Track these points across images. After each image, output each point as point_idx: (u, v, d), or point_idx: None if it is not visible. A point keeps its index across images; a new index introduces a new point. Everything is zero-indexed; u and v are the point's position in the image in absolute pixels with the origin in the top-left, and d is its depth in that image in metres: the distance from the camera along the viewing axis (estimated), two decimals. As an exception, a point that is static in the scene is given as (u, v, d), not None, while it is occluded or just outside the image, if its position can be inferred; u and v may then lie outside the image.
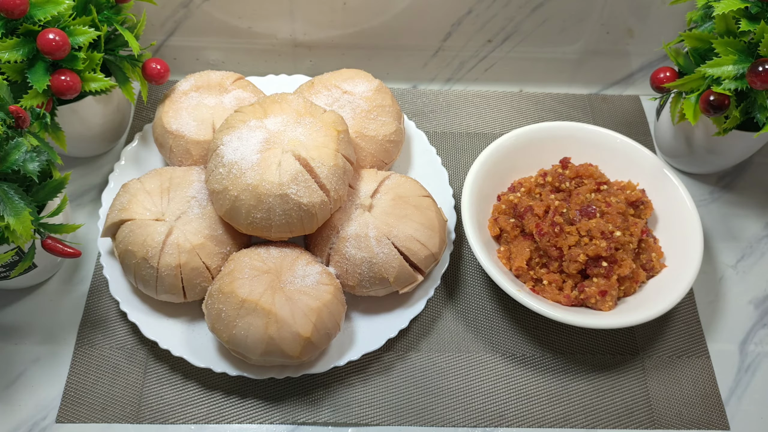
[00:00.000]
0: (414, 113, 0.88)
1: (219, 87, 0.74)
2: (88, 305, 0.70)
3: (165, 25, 0.84)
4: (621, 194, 0.71)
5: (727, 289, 0.75)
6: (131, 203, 0.65)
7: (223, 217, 0.65)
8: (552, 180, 0.73)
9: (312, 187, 0.62)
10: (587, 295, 0.66)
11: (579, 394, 0.67)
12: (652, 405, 0.67)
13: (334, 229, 0.66)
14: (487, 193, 0.74)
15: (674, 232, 0.71)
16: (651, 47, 0.88)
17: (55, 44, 0.62)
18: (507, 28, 0.85)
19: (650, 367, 0.69)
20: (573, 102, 0.91)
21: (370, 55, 0.89)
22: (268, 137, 0.63)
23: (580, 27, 0.85)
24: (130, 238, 0.63)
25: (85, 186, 0.79)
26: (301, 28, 0.85)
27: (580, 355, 0.70)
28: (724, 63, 0.65)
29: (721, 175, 0.84)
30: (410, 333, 0.70)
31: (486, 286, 0.74)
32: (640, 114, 0.90)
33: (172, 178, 0.68)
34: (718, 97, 0.65)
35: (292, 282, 0.62)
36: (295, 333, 0.59)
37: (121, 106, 0.77)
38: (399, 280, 0.65)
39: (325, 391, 0.66)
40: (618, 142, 0.76)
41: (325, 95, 0.74)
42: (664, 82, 0.71)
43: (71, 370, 0.66)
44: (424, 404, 0.66)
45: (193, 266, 0.63)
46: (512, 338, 0.70)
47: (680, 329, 0.72)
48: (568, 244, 0.66)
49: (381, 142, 0.73)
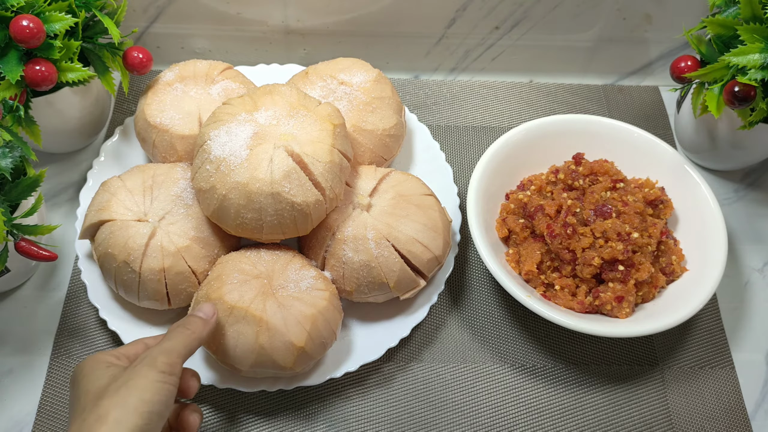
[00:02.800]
0: (416, 105, 0.88)
1: (206, 77, 0.74)
2: (65, 312, 0.70)
3: (147, 10, 0.84)
4: (639, 193, 0.71)
5: (753, 294, 0.75)
6: (111, 202, 0.65)
7: (210, 217, 0.65)
8: (564, 177, 0.73)
9: (306, 185, 0.62)
10: (602, 301, 0.65)
11: (594, 407, 0.67)
12: (672, 419, 0.67)
13: (329, 231, 0.66)
14: (494, 191, 0.74)
15: (696, 234, 0.71)
16: (671, 34, 0.88)
17: (29, 32, 0.62)
18: (516, 14, 0.85)
19: (670, 379, 0.69)
20: (587, 93, 0.91)
21: (369, 43, 0.89)
22: (258, 131, 0.63)
23: (594, 12, 0.85)
24: (110, 240, 0.63)
25: (61, 184, 0.79)
26: (294, 14, 0.85)
27: (595, 365, 0.69)
28: (749, 51, 0.65)
29: (747, 171, 0.84)
30: (412, 342, 0.70)
31: (493, 292, 0.74)
32: (659, 106, 0.90)
33: (156, 175, 0.67)
34: (743, 87, 0.65)
35: (284, 287, 0.61)
36: (287, 342, 0.59)
37: (100, 98, 0.77)
38: (400, 286, 0.65)
39: (320, 404, 0.66)
40: (635, 137, 0.76)
41: (320, 86, 0.74)
42: (685, 71, 0.71)
43: (47, 382, 0.66)
44: (426, 419, 0.66)
45: (178, 270, 0.63)
46: (522, 348, 0.70)
47: (702, 338, 0.72)
48: (581, 246, 0.66)
49: (380, 137, 0.73)
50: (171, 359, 0.51)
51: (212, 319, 0.57)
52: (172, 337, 0.53)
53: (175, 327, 0.55)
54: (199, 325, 0.56)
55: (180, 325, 0.55)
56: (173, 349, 0.52)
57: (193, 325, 0.55)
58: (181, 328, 0.55)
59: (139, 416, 0.46)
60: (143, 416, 0.47)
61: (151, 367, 0.49)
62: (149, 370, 0.49)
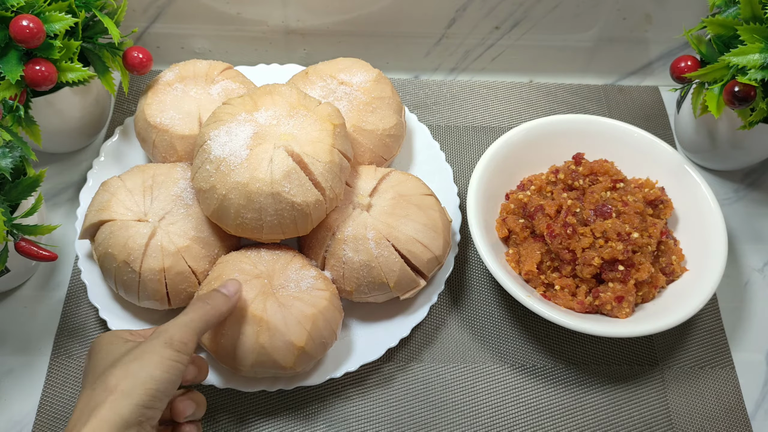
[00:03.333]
0: (416, 105, 0.88)
1: (206, 77, 0.74)
2: (65, 312, 0.70)
3: (147, 10, 0.84)
4: (639, 193, 0.71)
5: (753, 294, 0.75)
6: (111, 202, 0.65)
7: (210, 217, 0.65)
8: (564, 177, 0.73)
9: (306, 185, 0.62)
10: (602, 301, 0.66)
11: (594, 407, 0.67)
12: (672, 420, 0.67)
13: (329, 231, 0.66)
14: (494, 191, 0.74)
15: (696, 234, 0.71)
16: (671, 34, 0.88)
17: (29, 32, 0.62)
18: (516, 14, 0.85)
19: (670, 379, 0.69)
20: (587, 93, 0.91)
21: (369, 43, 0.89)
22: (258, 131, 0.63)
23: (594, 12, 0.85)
24: (111, 240, 0.63)
25: (61, 184, 0.79)
26: (294, 14, 0.85)
27: (595, 365, 0.70)
28: (749, 51, 0.65)
29: (747, 171, 0.84)
30: (412, 342, 0.70)
31: (493, 292, 0.74)
32: (659, 106, 0.90)
33: (156, 175, 0.68)
34: (743, 87, 0.65)
35: (285, 287, 0.62)
36: (288, 342, 0.59)
37: (100, 98, 0.77)
38: (400, 285, 0.65)
39: (320, 404, 0.66)
40: (635, 137, 0.76)
41: (320, 86, 0.74)
42: (685, 71, 0.71)
43: (47, 382, 0.66)
44: (426, 419, 0.66)
45: (178, 270, 0.63)
46: (522, 348, 0.70)
47: (702, 338, 0.72)
48: (581, 246, 0.66)
49: (380, 137, 0.73)
50: (186, 336, 0.51)
51: (234, 297, 0.57)
52: (191, 310, 0.53)
53: (196, 300, 0.55)
54: (221, 301, 0.55)
55: (201, 299, 0.55)
56: (189, 325, 0.52)
57: (214, 300, 0.55)
58: (202, 302, 0.54)
59: (145, 392, 0.47)
60: (149, 392, 0.47)
61: (165, 344, 0.49)
62: (163, 347, 0.49)
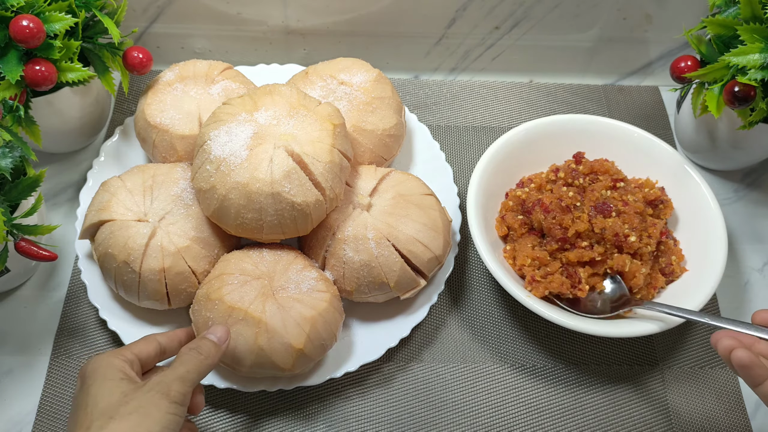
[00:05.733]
0: (416, 105, 0.88)
1: (206, 77, 0.74)
2: (65, 312, 0.70)
3: (147, 10, 0.84)
4: (639, 192, 0.71)
5: (753, 294, 0.75)
6: (111, 202, 0.65)
7: (210, 217, 0.65)
8: (564, 176, 0.73)
9: (306, 185, 0.62)
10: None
11: (593, 407, 0.67)
12: (672, 419, 0.67)
13: (330, 231, 0.66)
14: (494, 191, 0.74)
15: (696, 234, 0.71)
16: (671, 34, 0.88)
17: (29, 31, 0.62)
18: (516, 14, 0.85)
19: (670, 379, 0.69)
20: (587, 93, 0.91)
21: (369, 43, 0.89)
22: (258, 131, 0.63)
23: (594, 12, 0.85)
24: (111, 240, 0.63)
25: (61, 184, 0.79)
26: (294, 14, 0.85)
27: (595, 365, 0.70)
28: (749, 51, 0.65)
29: (747, 171, 0.85)
30: (412, 342, 0.70)
31: (494, 292, 0.74)
32: (659, 106, 0.90)
33: (156, 175, 0.68)
34: (743, 87, 0.65)
35: (285, 288, 0.62)
36: (286, 344, 0.59)
37: (100, 98, 0.77)
38: (400, 285, 0.65)
39: (320, 404, 0.66)
40: (635, 137, 0.76)
41: (320, 86, 0.74)
42: (685, 71, 0.71)
43: (47, 382, 0.66)
44: (426, 419, 0.66)
45: (178, 270, 0.63)
46: (522, 348, 0.70)
47: (702, 338, 0.72)
48: (575, 228, 0.65)
49: (380, 137, 0.73)
50: (184, 388, 0.51)
51: (224, 345, 0.57)
52: (186, 361, 0.53)
53: (188, 350, 0.54)
54: (212, 350, 0.55)
55: (193, 348, 0.55)
56: (187, 377, 0.52)
57: (206, 349, 0.55)
58: (195, 352, 0.54)
59: None
60: None
61: (164, 396, 0.49)
62: (162, 399, 0.49)
